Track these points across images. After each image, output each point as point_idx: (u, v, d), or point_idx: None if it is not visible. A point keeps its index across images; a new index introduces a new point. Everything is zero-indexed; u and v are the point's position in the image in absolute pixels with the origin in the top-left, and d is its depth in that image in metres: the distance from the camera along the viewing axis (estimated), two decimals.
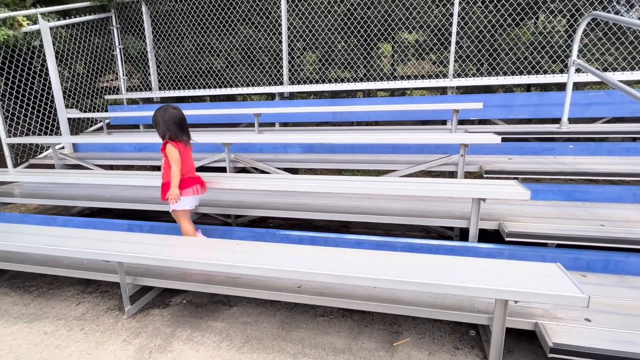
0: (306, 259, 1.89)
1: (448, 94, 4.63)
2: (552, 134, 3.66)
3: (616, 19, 2.87)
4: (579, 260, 2.19)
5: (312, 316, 2.22)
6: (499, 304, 1.69)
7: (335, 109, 4.30)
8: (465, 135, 2.97)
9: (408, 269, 1.74)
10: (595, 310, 1.81)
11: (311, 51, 5.24)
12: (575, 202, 2.80)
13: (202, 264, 1.90)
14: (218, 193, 3.41)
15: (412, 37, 5.07)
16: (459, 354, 1.88)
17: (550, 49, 4.43)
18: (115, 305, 2.42)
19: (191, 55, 5.61)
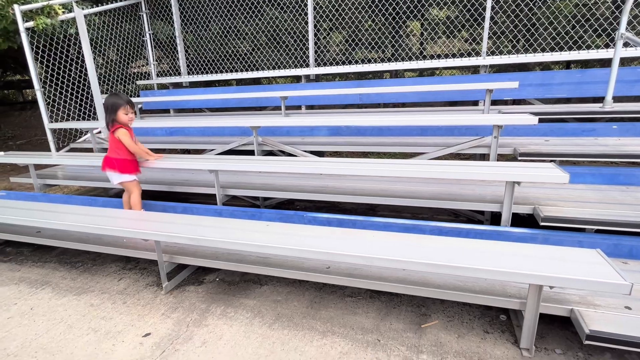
0: (335, 241, 1.91)
1: (480, 73, 4.43)
2: (593, 113, 3.44)
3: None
4: (620, 247, 2.10)
5: (340, 296, 2.27)
6: (533, 289, 1.65)
7: (362, 90, 4.23)
8: (499, 116, 2.86)
9: (438, 252, 1.73)
10: (637, 299, 1.74)
11: (337, 32, 5.13)
12: (618, 186, 2.65)
13: (234, 244, 1.96)
14: (247, 176, 3.48)
15: (442, 14, 4.86)
16: (489, 337, 1.87)
17: (595, 21, 4.12)
18: (153, 282, 2.56)
19: (218, 39, 5.64)
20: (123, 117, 2.69)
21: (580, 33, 4.16)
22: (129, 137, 2.73)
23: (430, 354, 1.77)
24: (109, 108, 2.67)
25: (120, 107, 2.66)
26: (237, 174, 3.56)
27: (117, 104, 2.66)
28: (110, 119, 2.70)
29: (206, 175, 3.31)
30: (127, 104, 2.69)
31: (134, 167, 2.84)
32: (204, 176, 3.57)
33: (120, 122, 2.69)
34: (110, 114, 2.69)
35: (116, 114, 2.67)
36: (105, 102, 2.68)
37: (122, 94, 2.81)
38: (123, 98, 2.69)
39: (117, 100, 2.67)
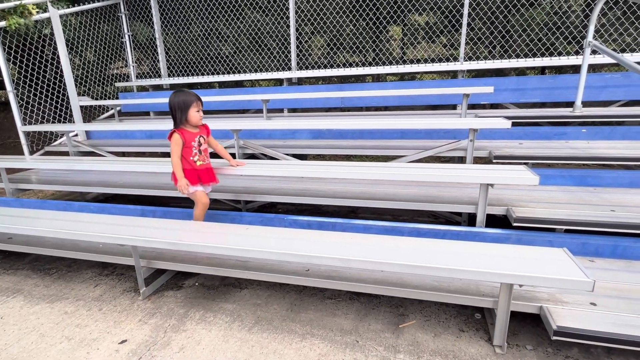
0: (314, 243, 1.93)
1: (459, 78, 4.54)
2: (565, 118, 3.58)
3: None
4: (587, 246, 2.19)
5: (321, 299, 2.28)
6: (504, 288, 1.71)
7: (344, 94, 4.27)
8: (474, 120, 2.94)
9: (415, 253, 1.77)
10: (602, 295, 1.82)
11: (319, 35, 5.17)
12: (586, 188, 2.77)
13: (213, 248, 1.96)
14: (228, 179, 3.46)
15: (422, 19, 4.97)
16: (464, 336, 1.92)
17: (566, 29, 4.29)
18: (130, 287, 2.51)
19: (199, 42, 5.60)
20: (195, 115, 2.36)
21: (552, 40, 4.32)
22: (179, 148, 2.36)
23: (407, 354, 1.80)
24: (179, 106, 2.33)
25: (192, 105, 2.34)
26: (218, 177, 3.53)
27: (188, 101, 2.33)
28: (180, 119, 2.36)
29: None
30: (198, 99, 2.38)
31: (195, 176, 2.45)
32: None
33: (191, 121, 2.37)
34: (181, 113, 2.34)
35: (188, 113, 2.34)
36: (173, 100, 2.34)
37: (188, 89, 2.42)
38: (192, 94, 2.37)
39: (187, 97, 2.34)
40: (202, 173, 2.48)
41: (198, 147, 2.44)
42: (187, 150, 2.40)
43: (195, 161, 2.44)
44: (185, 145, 2.38)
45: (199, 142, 2.44)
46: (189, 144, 2.39)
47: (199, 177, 2.47)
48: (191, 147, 2.41)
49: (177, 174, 2.39)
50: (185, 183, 2.38)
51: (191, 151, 2.41)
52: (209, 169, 2.54)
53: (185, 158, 2.41)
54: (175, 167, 2.38)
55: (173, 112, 2.36)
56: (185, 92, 2.38)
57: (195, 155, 2.43)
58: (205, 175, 2.50)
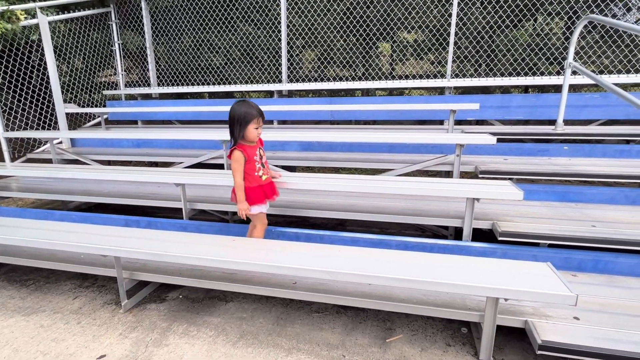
0: (301, 256, 1.91)
1: (446, 94, 4.65)
2: (547, 135, 3.69)
3: (612, 22, 2.90)
4: (570, 260, 2.23)
5: (307, 312, 2.25)
6: (490, 302, 1.72)
7: (334, 107, 4.32)
8: (461, 136, 3.00)
9: (402, 267, 1.77)
10: (584, 309, 1.85)
11: (310, 49, 5.25)
12: (568, 203, 2.83)
13: (198, 259, 1.92)
14: (216, 190, 3.43)
15: (411, 37, 5.10)
16: (451, 350, 1.91)
17: (548, 50, 4.47)
18: (112, 300, 2.44)
19: (190, 52, 5.61)
20: (253, 132, 2.15)
21: (534, 60, 4.48)
22: (242, 166, 2.16)
23: None
24: (238, 119, 2.12)
25: (253, 120, 2.12)
26: (206, 187, 3.50)
27: (249, 116, 2.11)
28: (238, 134, 2.15)
29: (173, 188, 3.24)
30: (260, 115, 2.16)
31: (261, 192, 2.27)
32: (171, 190, 3.49)
33: (248, 138, 2.16)
34: (239, 127, 2.13)
35: (246, 128, 2.12)
36: (234, 111, 2.14)
37: (252, 101, 2.21)
38: (254, 107, 2.16)
39: (249, 111, 2.12)
40: (267, 188, 2.29)
41: (260, 161, 2.24)
42: (250, 166, 2.20)
43: (260, 176, 2.24)
44: (247, 161, 2.18)
45: (259, 155, 2.25)
46: (252, 159, 2.19)
47: (264, 193, 2.28)
48: (254, 162, 2.20)
49: (238, 195, 2.20)
50: (245, 207, 2.20)
51: (254, 166, 2.21)
52: (272, 182, 2.37)
53: (250, 174, 2.21)
54: (237, 188, 2.19)
55: (231, 125, 2.17)
56: (248, 104, 2.16)
57: (259, 169, 2.23)
58: (269, 189, 2.32)
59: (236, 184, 2.19)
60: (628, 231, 2.30)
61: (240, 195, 2.19)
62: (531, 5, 4.39)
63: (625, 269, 2.17)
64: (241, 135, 2.15)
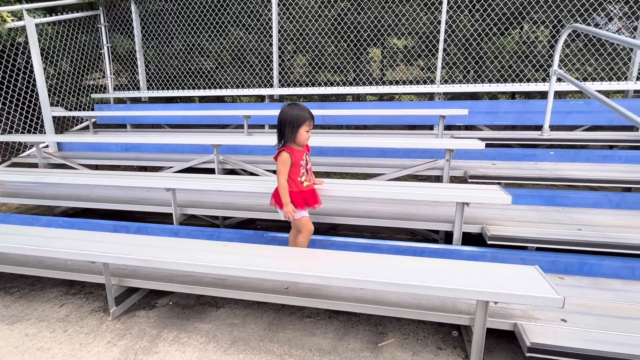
0: (293, 261, 1.91)
1: (435, 100, 4.72)
2: (534, 140, 3.77)
3: (595, 31, 2.99)
4: (557, 263, 2.27)
5: (299, 317, 2.25)
6: (480, 305, 1.74)
7: (325, 112, 4.34)
8: (450, 141, 3.05)
9: (393, 271, 1.78)
10: (571, 312, 1.88)
11: (301, 54, 5.28)
12: (555, 207, 2.90)
13: (188, 265, 1.90)
14: (206, 194, 3.41)
15: (401, 43, 5.16)
16: (442, 354, 1.93)
17: (534, 58, 4.57)
18: (100, 307, 2.39)
19: (180, 56, 5.58)
20: (304, 135, 2.11)
21: (521, 67, 4.58)
22: (287, 168, 2.12)
23: None
24: (291, 122, 2.07)
25: (305, 123, 2.09)
26: (196, 192, 3.47)
27: (301, 118, 2.07)
28: (289, 136, 2.09)
29: (163, 193, 3.20)
30: (311, 118, 2.12)
31: (301, 199, 2.21)
32: (161, 194, 3.44)
33: (298, 141, 2.12)
34: (291, 130, 2.08)
35: (298, 131, 2.08)
36: (287, 113, 2.09)
37: (303, 104, 2.16)
38: (306, 110, 2.11)
39: (301, 113, 2.08)
40: (307, 195, 2.23)
41: (305, 166, 2.19)
42: (295, 169, 2.15)
43: (302, 182, 2.19)
44: (293, 165, 2.13)
45: (305, 161, 2.20)
46: (298, 163, 2.14)
47: (305, 200, 2.22)
48: (299, 166, 2.15)
49: (283, 198, 2.15)
50: (291, 209, 2.15)
51: (299, 171, 2.16)
52: (314, 190, 2.30)
53: (292, 178, 2.16)
54: (282, 190, 2.14)
55: (282, 127, 2.11)
56: (300, 106, 2.12)
57: (302, 175, 2.18)
58: (310, 197, 2.25)
59: (280, 185, 2.14)
60: (612, 234, 2.35)
61: (285, 198, 2.14)
62: (517, 13, 4.50)
63: (609, 271, 2.22)
64: (293, 137, 2.10)
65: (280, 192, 2.15)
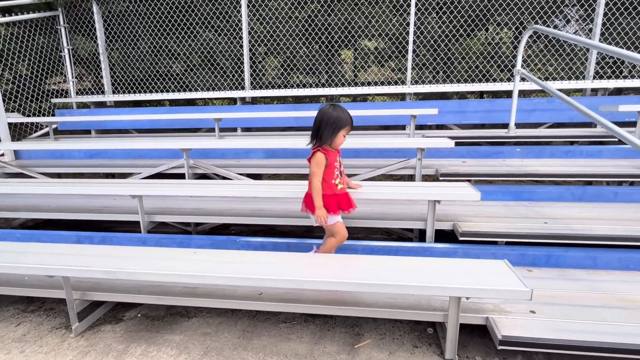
0: (266, 266, 1.87)
1: (407, 100, 4.79)
2: (501, 138, 3.90)
3: (554, 33, 3.12)
4: (525, 256, 2.34)
5: (274, 323, 2.20)
6: (453, 302, 1.76)
7: (298, 114, 4.31)
8: (421, 140, 3.10)
9: (368, 271, 1.77)
10: (540, 303, 1.94)
11: (273, 56, 5.23)
12: (522, 202, 2.99)
13: (156, 275, 1.82)
14: (176, 200, 3.30)
15: (372, 45, 5.21)
16: (418, 351, 1.93)
17: (499, 58, 4.73)
18: (61, 324, 2.25)
19: (148, 58, 5.40)
20: (341, 139, 2.04)
21: (487, 68, 4.73)
22: (322, 170, 2.02)
23: None
24: (332, 123, 1.98)
25: (345, 127, 2.01)
26: (166, 198, 3.35)
27: (343, 121, 1.99)
28: (327, 137, 2.00)
29: (130, 201, 3.07)
30: (352, 123, 2.04)
31: (335, 202, 2.10)
32: (128, 202, 3.30)
33: (335, 144, 2.04)
34: (331, 132, 1.99)
35: (337, 134, 2.01)
36: (328, 114, 1.99)
37: (343, 106, 2.07)
38: (348, 114, 2.03)
39: (344, 116, 2.00)
40: (341, 198, 2.14)
41: (339, 168, 2.12)
42: (329, 171, 2.06)
43: (336, 184, 2.10)
44: (327, 166, 2.04)
45: (339, 162, 2.13)
46: (332, 165, 2.05)
47: (338, 204, 2.12)
48: (333, 168, 2.06)
49: (316, 201, 2.04)
50: (324, 213, 2.04)
51: (333, 173, 2.07)
52: (348, 193, 2.20)
53: (326, 181, 2.06)
54: (315, 193, 2.04)
55: (320, 127, 2.01)
56: (341, 109, 2.03)
57: (336, 177, 2.09)
58: (344, 201, 2.15)
59: (314, 188, 2.04)
60: (576, 226, 2.45)
61: (319, 201, 2.04)
62: (482, 16, 4.64)
63: (574, 262, 2.31)
64: (330, 140, 2.01)
65: (314, 194, 2.04)
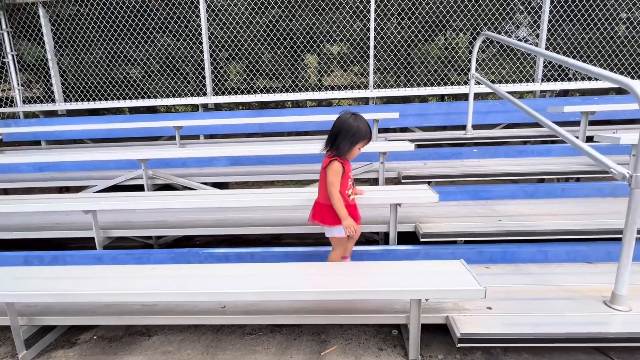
0: (229, 278, 1.83)
1: (370, 104, 4.88)
2: (459, 139, 4.05)
3: (503, 39, 3.28)
4: (482, 254, 2.44)
5: (240, 336, 2.15)
6: (414, 303, 1.80)
7: (262, 120, 4.27)
8: (383, 144, 3.16)
9: (332, 278, 1.78)
10: (496, 299, 2.02)
11: (235, 61, 5.15)
12: (480, 201, 3.12)
13: (108, 296, 1.73)
14: (136, 213, 3.16)
15: (335, 49, 5.26)
16: (383, 354, 1.96)
17: (455, 63, 4.93)
18: (7, 353, 2.09)
19: (102, 64, 5.15)
20: (357, 151, 2.00)
21: (445, 71, 4.91)
22: (339, 180, 1.96)
23: None
24: (352, 135, 1.91)
25: (365, 139, 1.96)
26: (125, 212, 3.21)
27: (364, 133, 1.94)
28: (345, 147, 1.93)
29: (84, 216, 2.91)
30: (370, 136, 1.99)
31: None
32: (84, 217, 3.13)
33: (350, 155, 2.00)
34: (350, 143, 1.92)
35: (355, 146, 1.95)
36: (346, 124, 1.91)
37: (364, 117, 2.00)
38: (368, 126, 1.97)
39: (365, 128, 1.94)
40: (352, 210, 2.08)
41: (352, 179, 2.12)
42: (344, 182, 2.01)
43: (349, 195, 2.07)
44: (343, 176, 1.99)
45: (352, 173, 2.13)
46: (347, 175, 2.02)
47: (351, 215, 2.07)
48: (348, 178, 2.04)
49: (340, 211, 1.97)
50: (352, 222, 1.98)
51: (347, 183, 2.03)
52: (356, 205, 2.17)
53: (340, 192, 2.01)
54: (337, 203, 1.96)
55: (339, 136, 1.94)
56: (363, 120, 1.97)
57: (349, 188, 2.07)
58: (354, 212, 2.11)
59: (336, 198, 1.96)
60: (528, 223, 2.58)
61: (343, 212, 1.97)
62: (438, 22, 4.81)
63: (527, 257, 2.43)
64: (348, 149, 1.95)
65: (337, 205, 1.97)
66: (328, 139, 1.99)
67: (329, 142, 1.99)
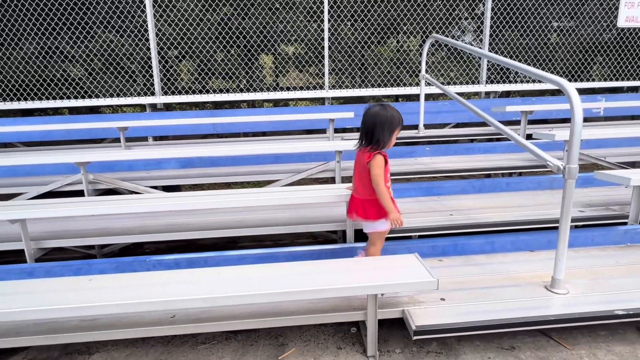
0: (178, 285, 1.71)
1: (325, 105, 4.89)
2: (413, 138, 4.18)
3: (450, 42, 3.43)
4: (436, 247, 2.51)
5: (192, 345, 2.03)
6: (370, 299, 1.79)
7: (216, 120, 4.13)
8: (338, 143, 3.16)
9: (288, 279, 1.73)
10: (448, 290, 2.08)
11: (185, 60, 4.94)
12: (432, 197, 3.22)
13: (34, 312, 1.54)
14: (74, 221, 2.90)
15: (290, 50, 5.23)
16: (342, 352, 1.94)
17: (407, 64, 5.09)
18: None
19: (35, 61, 4.70)
20: (394, 139, 1.95)
21: (397, 73, 5.06)
22: (383, 171, 1.90)
23: None
24: (390, 124, 1.87)
25: (399, 125, 1.92)
26: (61, 220, 2.93)
27: (396, 119, 1.89)
28: (385, 140, 1.89)
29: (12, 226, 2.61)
30: (402, 120, 1.95)
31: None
32: (10, 227, 2.81)
33: (390, 145, 1.95)
34: (390, 133, 1.88)
35: (393, 134, 1.91)
36: (380, 115, 1.87)
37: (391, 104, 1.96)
38: (398, 111, 1.93)
39: (396, 114, 1.90)
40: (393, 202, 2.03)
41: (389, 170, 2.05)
42: (385, 175, 1.97)
43: (389, 187, 2.01)
44: (385, 169, 1.95)
45: None
46: (388, 168, 1.98)
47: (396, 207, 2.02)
48: (388, 171, 1.99)
49: (388, 206, 1.92)
50: (398, 216, 1.94)
51: (387, 176, 1.99)
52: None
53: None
54: (384, 196, 1.91)
55: (375, 129, 1.88)
56: (392, 107, 1.93)
57: (389, 180, 2.01)
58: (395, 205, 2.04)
59: (383, 193, 1.90)
60: (476, 216, 2.71)
61: (390, 205, 1.94)
62: (390, 24, 4.95)
63: (476, 248, 2.54)
64: (388, 139, 1.92)
65: (383, 200, 1.92)
66: (363, 135, 1.97)
67: (364, 137, 1.96)
